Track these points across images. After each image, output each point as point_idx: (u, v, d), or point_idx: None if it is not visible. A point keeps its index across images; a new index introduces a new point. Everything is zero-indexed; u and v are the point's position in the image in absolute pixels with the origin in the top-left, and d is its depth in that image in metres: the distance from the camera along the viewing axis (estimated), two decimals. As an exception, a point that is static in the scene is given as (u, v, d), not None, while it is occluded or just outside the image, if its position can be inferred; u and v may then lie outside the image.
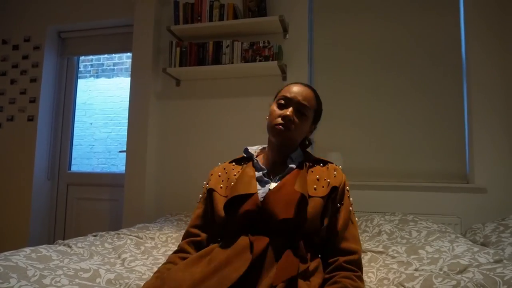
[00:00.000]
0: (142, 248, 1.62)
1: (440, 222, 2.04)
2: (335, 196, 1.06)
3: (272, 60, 2.47)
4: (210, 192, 1.13)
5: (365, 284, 1.07)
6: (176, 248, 1.11)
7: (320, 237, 1.01)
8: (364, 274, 1.06)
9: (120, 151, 3.14)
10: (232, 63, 2.54)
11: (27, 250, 1.21)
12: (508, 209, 2.21)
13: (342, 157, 2.49)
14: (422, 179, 2.43)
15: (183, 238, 1.12)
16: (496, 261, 1.23)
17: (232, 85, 2.76)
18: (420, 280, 1.09)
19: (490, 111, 2.31)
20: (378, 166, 2.52)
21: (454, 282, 1.03)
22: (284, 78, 2.63)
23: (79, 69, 3.54)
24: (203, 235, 1.09)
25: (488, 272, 1.08)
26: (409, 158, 2.48)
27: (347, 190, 1.12)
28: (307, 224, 0.95)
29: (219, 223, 1.04)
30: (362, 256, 1.06)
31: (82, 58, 3.61)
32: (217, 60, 2.59)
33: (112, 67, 4.10)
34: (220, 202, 1.05)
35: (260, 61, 2.49)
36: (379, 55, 2.60)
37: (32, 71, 3.13)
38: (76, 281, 1.02)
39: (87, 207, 3.15)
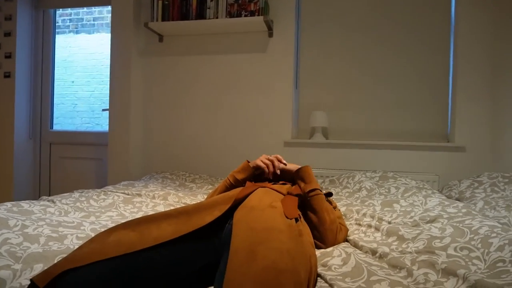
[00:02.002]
0: (130, 205, 1.63)
1: (419, 180, 2.11)
2: None
3: (258, 15, 2.39)
4: None
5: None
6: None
7: None
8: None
9: (103, 110, 3.08)
10: (217, 17, 2.45)
11: (8, 204, 1.21)
12: (485, 166, 2.30)
13: (326, 116, 2.51)
14: (405, 138, 2.49)
15: None
16: (465, 214, 1.29)
17: (217, 41, 2.69)
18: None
19: (475, 71, 2.32)
20: (362, 125, 2.55)
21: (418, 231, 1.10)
22: (271, 35, 2.57)
23: (58, 24, 3.38)
24: None
25: (457, 224, 1.13)
26: (393, 117, 2.51)
27: None
28: None
29: None
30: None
31: (60, 12, 3.42)
32: (201, 15, 2.49)
33: (92, 22, 3.90)
34: None
35: (245, 16, 2.40)
36: (367, 13, 2.54)
37: (5, 24, 2.97)
38: (60, 229, 1.04)
39: (71, 166, 3.14)
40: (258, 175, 1.41)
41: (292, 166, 1.37)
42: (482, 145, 2.32)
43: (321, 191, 1.24)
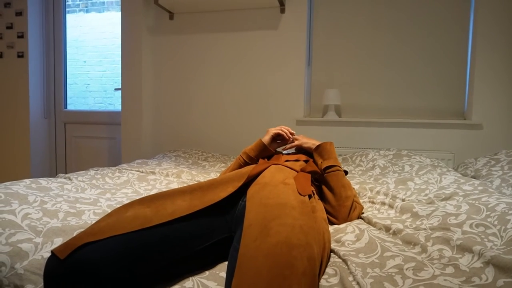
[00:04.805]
0: (144, 182, 1.65)
1: (434, 158, 2.08)
2: None
3: (270, -11, 2.32)
4: None
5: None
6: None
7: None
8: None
9: (116, 89, 3.10)
10: (227, -7, 2.40)
11: (27, 181, 1.24)
12: (502, 144, 2.25)
13: (339, 94, 2.47)
14: (420, 116, 2.44)
15: None
16: (482, 191, 1.27)
17: (228, 18, 2.64)
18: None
19: (493, 48, 2.23)
20: (376, 103, 2.51)
21: (433, 208, 1.08)
22: (283, 11, 2.50)
23: (67, 3, 3.36)
24: None
25: (473, 201, 1.12)
26: (408, 94, 2.45)
27: None
28: None
29: None
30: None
31: (69, -10, 3.40)
32: (211, -9, 2.44)
33: (101, 0, 3.87)
34: None
35: (257, -9, 2.34)
36: (384, -15, 2.44)
37: (17, 3, 2.97)
38: (78, 205, 1.06)
39: (86, 145, 3.20)
40: (270, 156, 1.41)
41: (311, 143, 1.37)
42: (499, 123, 2.26)
43: (340, 167, 1.23)
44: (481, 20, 2.24)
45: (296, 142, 1.43)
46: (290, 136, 1.44)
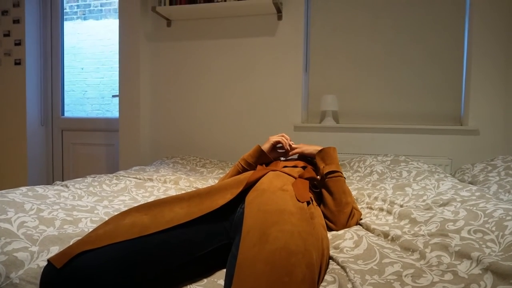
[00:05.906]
0: (142, 189, 1.64)
1: (432, 163, 2.09)
2: None
3: (267, -3, 2.34)
4: None
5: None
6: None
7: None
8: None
9: (113, 96, 3.10)
10: (225, 0, 2.41)
11: (23, 188, 1.23)
12: (499, 150, 2.26)
13: (336, 99, 2.48)
14: (417, 122, 2.45)
15: None
16: (479, 197, 1.27)
17: (225, 25, 2.65)
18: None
19: (489, 53, 2.25)
20: (374, 109, 2.52)
21: (431, 214, 1.08)
22: (280, 18, 2.52)
23: (65, 11, 3.37)
24: None
25: (470, 207, 1.12)
26: (405, 100, 2.47)
27: None
28: None
29: None
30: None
31: (67, -3, 3.41)
32: (209, -2, 2.45)
33: (99, 7, 3.89)
34: None
35: (254, -2, 2.36)
36: (380, -8, 2.47)
37: (14, 11, 2.98)
38: (74, 213, 1.05)
39: (83, 152, 3.19)
40: (268, 162, 1.41)
41: (312, 149, 1.38)
42: (496, 128, 2.27)
43: (342, 173, 1.24)
44: (476, 26, 2.26)
45: (297, 150, 1.43)
46: (288, 148, 1.44)
